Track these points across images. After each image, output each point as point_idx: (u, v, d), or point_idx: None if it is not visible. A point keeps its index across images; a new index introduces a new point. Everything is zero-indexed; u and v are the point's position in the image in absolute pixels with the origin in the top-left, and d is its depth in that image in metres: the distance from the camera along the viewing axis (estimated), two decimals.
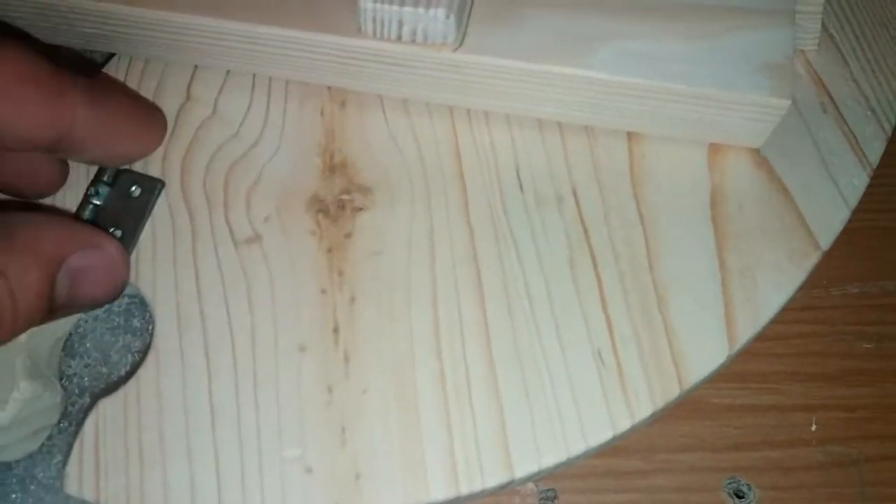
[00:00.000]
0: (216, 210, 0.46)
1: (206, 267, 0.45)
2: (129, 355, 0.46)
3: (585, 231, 0.45)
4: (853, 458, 0.47)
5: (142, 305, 0.47)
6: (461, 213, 0.45)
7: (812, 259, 0.44)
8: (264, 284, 0.44)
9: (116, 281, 0.43)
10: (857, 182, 0.46)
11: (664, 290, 0.43)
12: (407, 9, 0.42)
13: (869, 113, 0.49)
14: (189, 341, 0.43)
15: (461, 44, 0.44)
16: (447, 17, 0.42)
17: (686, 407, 0.47)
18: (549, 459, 0.41)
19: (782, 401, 0.48)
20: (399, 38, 0.43)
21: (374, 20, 0.43)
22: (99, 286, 0.42)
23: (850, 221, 0.46)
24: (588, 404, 0.42)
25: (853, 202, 0.45)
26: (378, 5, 0.42)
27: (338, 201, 0.46)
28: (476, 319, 0.43)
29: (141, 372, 0.43)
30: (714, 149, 0.47)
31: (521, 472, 0.41)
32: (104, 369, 0.46)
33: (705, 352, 0.42)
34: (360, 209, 0.46)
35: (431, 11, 0.42)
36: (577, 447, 0.41)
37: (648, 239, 0.45)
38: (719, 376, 0.43)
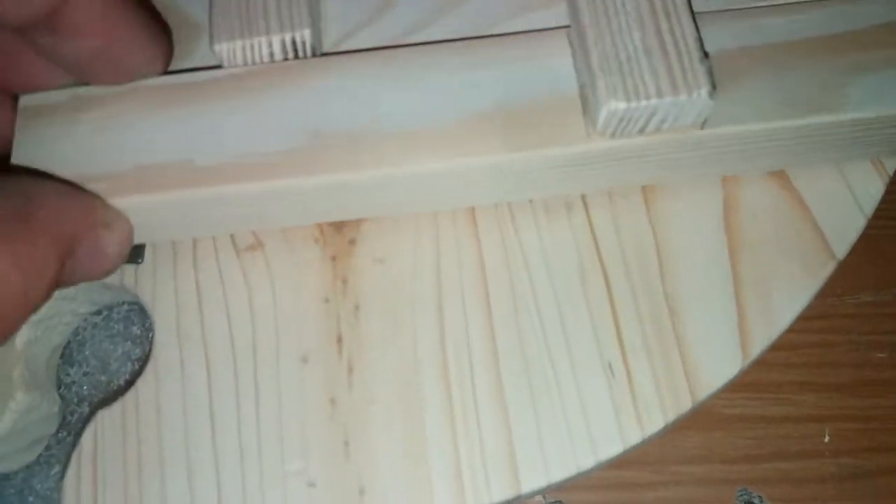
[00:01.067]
0: None
1: (206, 275, 0.44)
2: (129, 363, 0.46)
3: (596, 241, 0.44)
4: (866, 470, 0.46)
5: (141, 313, 0.46)
6: (468, 221, 0.45)
7: (827, 269, 0.43)
8: (266, 293, 0.44)
9: (118, 262, 0.40)
10: (873, 191, 0.45)
11: (676, 301, 0.43)
12: (666, 99, 0.37)
13: None
14: (189, 352, 0.43)
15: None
16: (710, 95, 0.37)
17: (697, 418, 0.46)
18: (558, 474, 0.40)
19: (795, 411, 0.47)
20: (642, 131, 0.39)
21: (620, 121, 0.38)
22: (99, 268, 0.39)
23: (865, 229, 0.45)
24: (598, 417, 0.41)
25: (869, 211, 0.44)
26: (633, 104, 0.37)
27: None
28: (483, 329, 0.43)
29: (140, 383, 0.42)
30: None
31: (528, 486, 0.40)
32: (103, 377, 0.46)
33: (718, 364, 0.42)
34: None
35: (695, 94, 0.37)
36: (587, 461, 0.41)
37: (660, 249, 0.44)
38: (731, 387, 0.43)
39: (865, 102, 0.40)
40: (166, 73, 0.41)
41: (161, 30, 0.41)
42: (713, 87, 0.37)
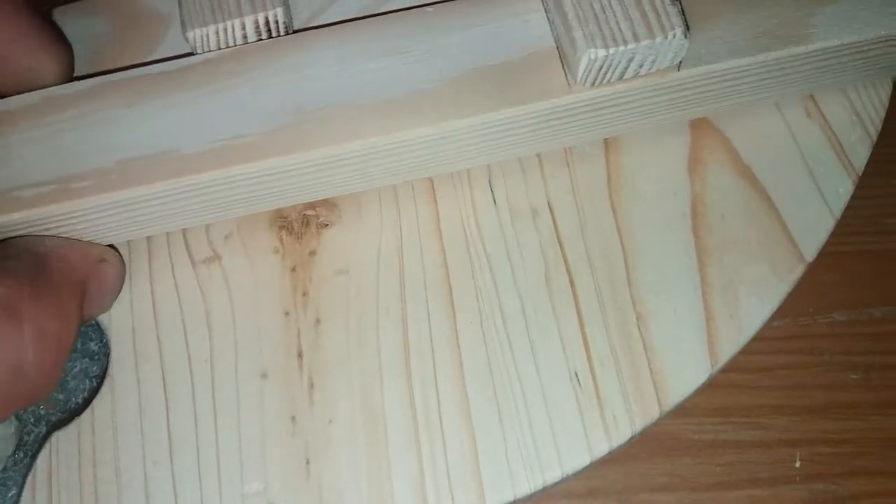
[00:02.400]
0: None
1: (162, 289, 0.43)
2: (87, 381, 0.45)
3: (561, 246, 0.43)
4: (838, 495, 0.46)
5: (98, 329, 0.45)
6: (432, 228, 0.44)
7: (796, 272, 0.43)
8: (224, 307, 0.43)
9: (119, 289, 0.43)
10: (842, 190, 0.44)
11: (643, 306, 0.42)
12: (643, 42, 0.37)
13: (854, 117, 0.47)
14: (145, 370, 0.42)
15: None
16: (685, 35, 0.37)
17: (666, 444, 0.46)
18: (524, 487, 0.40)
19: (766, 436, 0.47)
20: (621, 77, 0.39)
21: (600, 69, 0.38)
22: (106, 298, 0.42)
23: (837, 245, 0.45)
24: (564, 429, 0.41)
25: (838, 211, 0.44)
26: (612, 50, 0.37)
27: (302, 217, 0.44)
28: (447, 340, 0.42)
29: (96, 402, 0.42)
30: (694, 157, 0.45)
31: (494, 500, 0.40)
32: (60, 396, 0.45)
33: (686, 371, 0.41)
34: (326, 225, 0.44)
35: (670, 35, 0.37)
36: (553, 474, 0.40)
37: (627, 253, 0.43)
38: (701, 411, 0.42)
39: (832, 31, 0.40)
40: (139, 65, 0.40)
41: (50, 36, 0.41)
42: (687, 27, 0.37)
